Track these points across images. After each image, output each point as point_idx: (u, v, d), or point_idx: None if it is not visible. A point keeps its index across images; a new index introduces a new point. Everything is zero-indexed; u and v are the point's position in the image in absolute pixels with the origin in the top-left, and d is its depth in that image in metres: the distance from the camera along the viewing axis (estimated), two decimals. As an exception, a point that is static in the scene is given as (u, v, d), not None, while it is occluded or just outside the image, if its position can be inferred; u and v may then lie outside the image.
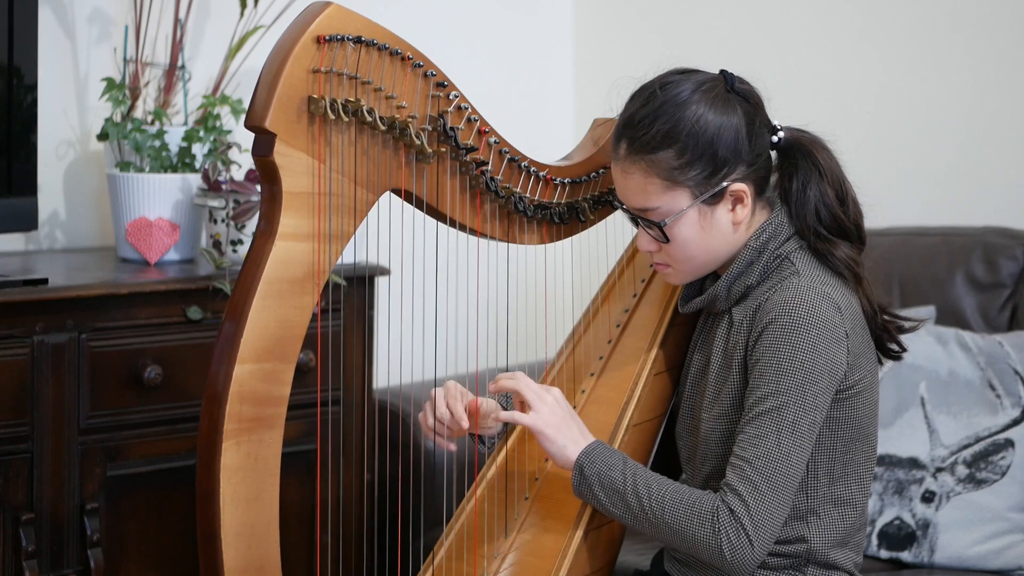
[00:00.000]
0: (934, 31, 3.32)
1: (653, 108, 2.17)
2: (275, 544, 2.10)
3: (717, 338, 2.23)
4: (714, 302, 2.24)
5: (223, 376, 2.03)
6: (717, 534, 2.08)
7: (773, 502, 2.09)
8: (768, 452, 2.09)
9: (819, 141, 2.24)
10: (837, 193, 2.20)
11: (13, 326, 2.53)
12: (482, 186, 2.24)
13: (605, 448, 2.18)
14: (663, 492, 2.13)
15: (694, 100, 2.15)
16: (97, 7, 3.06)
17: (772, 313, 2.12)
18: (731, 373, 2.18)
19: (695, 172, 2.15)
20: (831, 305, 2.13)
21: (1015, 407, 2.83)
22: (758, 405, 2.11)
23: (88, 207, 3.09)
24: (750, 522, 2.08)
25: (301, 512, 2.82)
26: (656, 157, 2.16)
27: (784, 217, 2.21)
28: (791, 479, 2.10)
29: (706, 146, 2.14)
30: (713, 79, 2.19)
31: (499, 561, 2.23)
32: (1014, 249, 3.02)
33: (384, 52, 2.11)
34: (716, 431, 2.19)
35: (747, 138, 2.17)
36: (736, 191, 2.17)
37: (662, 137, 2.15)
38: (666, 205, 2.18)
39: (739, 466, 2.10)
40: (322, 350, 2.75)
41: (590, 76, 3.79)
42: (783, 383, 2.09)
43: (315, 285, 2.08)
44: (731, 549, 2.08)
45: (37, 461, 2.57)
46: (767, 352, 2.11)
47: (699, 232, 2.19)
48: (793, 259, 2.19)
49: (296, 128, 2.04)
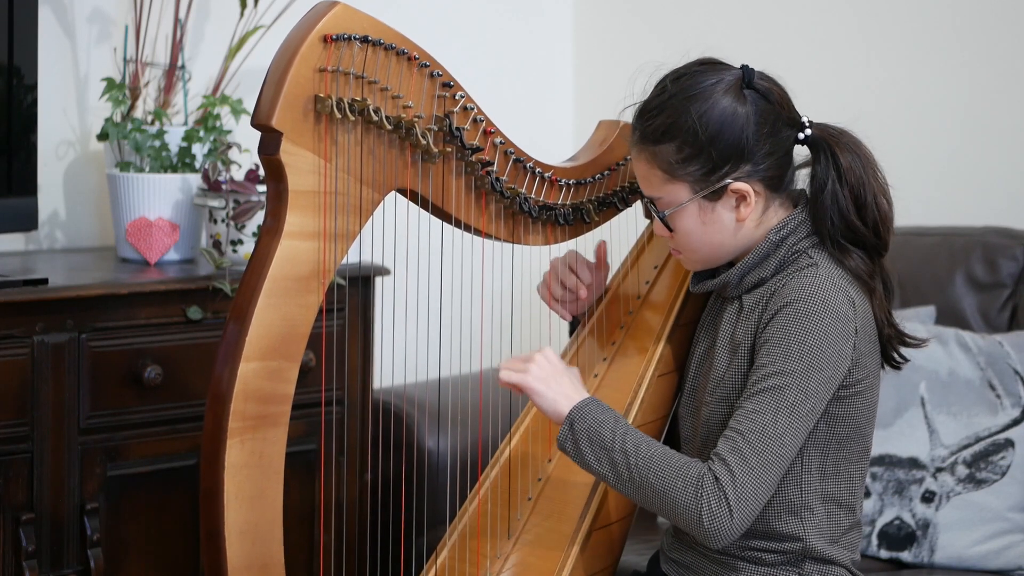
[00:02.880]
0: (934, 31, 3.32)
1: (662, 100, 2.17)
2: (278, 542, 2.10)
3: (725, 322, 2.22)
4: (725, 287, 2.24)
5: (228, 374, 2.03)
6: (699, 499, 2.06)
7: (760, 477, 2.07)
8: (763, 428, 2.07)
9: (845, 141, 2.20)
10: (856, 198, 2.18)
11: (13, 326, 2.53)
12: (487, 186, 2.24)
13: (598, 404, 2.15)
14: (651, 452, 2.10)
15: (703, 95, 2.15)
16: (97, 7, 3.06)
17: (787, 297, 2.12)
18: (737, 358, 2.17)
19: (693, 168, 2.15)
20: (846, 298, 2.13)
21: (1015, 407, 2.83)
22: (761, 382, 2.10)
23: (88, 207, 3.09)
24: (733, 493, 2.06)
25: (301, 512, 2.82)
26: (658, 149, 2.16)
27: (807, 215, 2.20)
28: (781, 459, 2.08)
29: (706, 143, 2.14)
30: (730, 75, 2.17)
31: (502, 561, 2.23)
32: (1014, 249, 3.02)
33: (390, 52, 2.11)
34: (718, 414, 2.18)
35: (755, 137, 2.15)
36: (738, 190, 2.17)
37: (664, 130, 2.15)
38: (667, 197, 2.19)
39: (732, 437, 2.08)
40: (324, 350, 2.75)
41: (590, 76, 3.80)
42: (789, 364, 2.09)
43: (320, 284, 2.08)
44: (710, 517, 2.06)
45: (37, 461, 2.57)
46: (777, 333, 2.11)
47: (700, 226, 2.19)
48: (811, 253, 2.19)
49: (302, 127, 2.04)
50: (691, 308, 2.40)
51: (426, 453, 3.01)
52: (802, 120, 2.21)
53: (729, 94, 2.15)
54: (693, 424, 2.26)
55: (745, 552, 2.18)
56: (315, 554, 2.85)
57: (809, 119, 2.21)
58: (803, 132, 2.20)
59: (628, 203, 2.42)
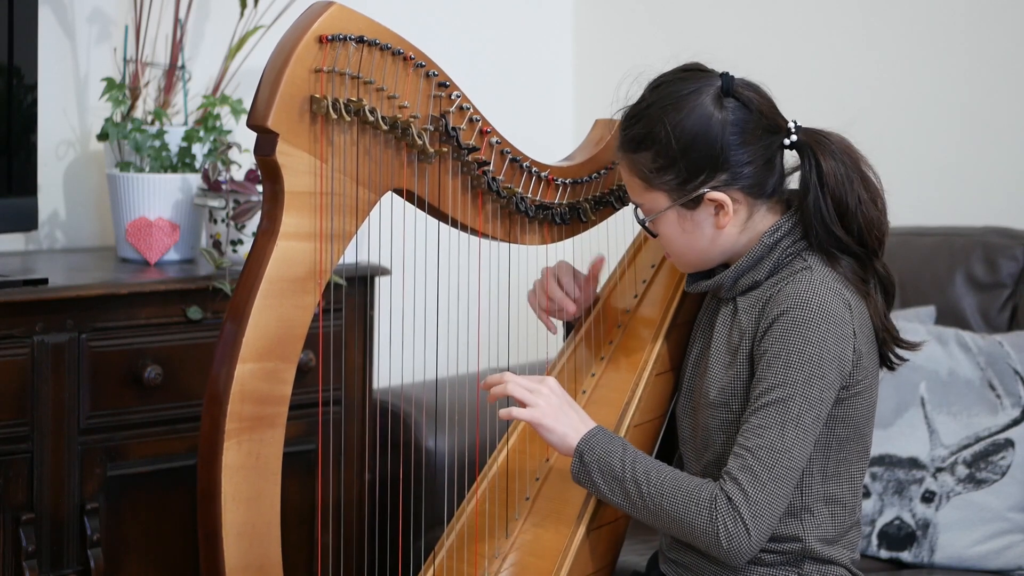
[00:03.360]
0: (934, 30, 3.32)
1: (640, 108, 2.17)
2: (276, 543, 2.10)
3: (719, 324, 2.22)
4: (719, 289, 2.24)
5: (225, 375, 2.03)
6: (714, 522, 2.08)
7: (773, 493, 2.08)
8: (771, 443, 2.08)
9: (829, 145, 2.18)
10: (839, 205, 2.16)
11: (13, 326, 2.53)
12: (484, 186, 2.25)
13: (605, 434, 2.17)
14: (662, 479, 2.12)
15: (679, 105, 2.14)
16: (97, 7, 3.06)
17: (783, 305, 2.12)
18: (734, 361, 2.17)
19: (668, 177, 2.15)
20: (842, 301, 2.13)
21: (1015, 407, 2.83)
22: (764, 396, 2.10)
23: (88, 207, 3.09)
24: (748, 511, 2.07)
25: (301, 512, 2.82)
26: (636, 157, 2.17)
27: (799, 218, 2.19)
28: (792, 471, 2.09)
29: (680, 154, 2.13)
30: (710, 83, 2.15)
31: (500, 561, 2.23)
32: (1014, 249, 3.02)
33: (386, 52, 2.11)
34: (715, 418, 2.18)
35: (732, 146, 2.14)
36: (715, 199, 2.15)
37: (640, 139, 2.16)
38: (647, 203, 2.20)
39: (741, 455, 2.09)
40: (322, 350, 2.75)
41: (590, 76, 3.80)
42: (791, 375, 2.09)
43: (317, 284, 2.08)
44: (728, 537, 2.07)
45: (37, 461, 2.57)
46: (776, 344, 2.11)
47: (681, 233, 2.19)
48: (805, 256, 2.18)
49: (298, 128, 2.04)
50: (688, 307, 2.39)
51: (424, 453, 3.00)
52: (788, 125, 2.19)
53: (706, 103, 2.14)
54: (691, 425, 2.26)
55: (745, 553, 2.19)
56: (315, 554, 2.85)
57: (796, 123, 2.19)
58: (789, 137, 2.18)
59: (625, 202, 2.41)
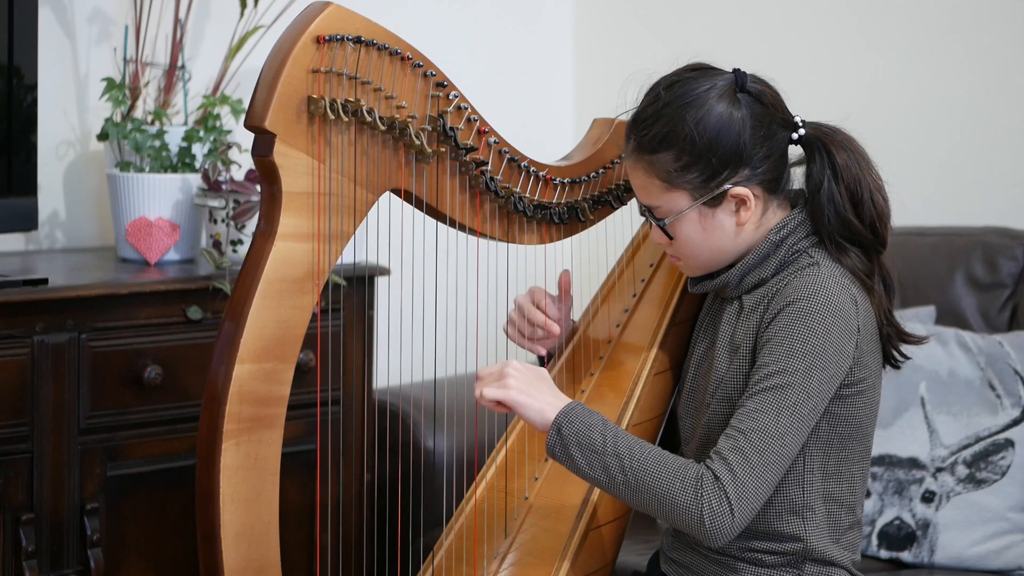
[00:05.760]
0: (934, 30, 3.32)
1: (657, 108, 2.16)
2: (275, 544, 2.10)
3: (724, 323, 2.22)
4: (724, 288, 2.23)
5: (223, 376, 2.03)
6: (699, 499, 2.05)
7: (760, 477, 2.06)
8: (765, 427, 2.07)
9: (840, 139, 2.20)
10: (852, 196, 2.18)
11: (13, 326, 2.53)
12: (482, 186, 2.24)
13: (584, 408, 2.12)
14: (645, 455, 2.08)
15: (697, 102, 2.14)
16: (97, 7, 3.06)
17: (790, 297, 2.12)
18: (738, 358, 2.16)
19: (692, 175, 2.15)
20: (849, 297, 2.13)
21: (1015, 407, 2.83)
22: (763, 381, 2.09)
23: (88, 207, 3.09)
24: (734, 491, 2.05)
25: (301, 512, 2.82)
26: (656, 158, 2.16)
27: (806, 214, 2.20)
28: (782, 459, 2.08)
29: (704, 150, 2.13)
30: (723, 80, 2.16)
31: (498, 561, 2.23)
32: (1014, 249, 3.02)
33: (384, 52, 2.11)
34: (719, 415, 2.17)
35: (752, 141, 2.15)
36: (738, 194, 2.16)
37: (661, 139, 2.15)
38: (666, 205, 2.18)
39: (733, 436, 2.07)
40: (322, 350, 2.76)
41: (590, 76, 3.80)
42: (791, 363, 2.08)
43: (315, 285, 2.08)
44: (711, 515, 2.04)
45: (37, 461, 2.57)
46: (779, 332, 2.10)
47: (701, 232, 2.18)
48: (812, 253, 2.18)
49: (296, 128, 2.04)
50: (687, 306, 2.40)
51: (423, 453, 3.01)
52: (795, 120, 2.20)
53: (723, 99, 2.15)
54: (692, 425, 2.26)
55: (745, 553, 2.18)
56: (314, 554, 2.85)
57: (801, 119, 2.21)
58: (797, 132, 2.20)
59: (623, 201, 2.42)
